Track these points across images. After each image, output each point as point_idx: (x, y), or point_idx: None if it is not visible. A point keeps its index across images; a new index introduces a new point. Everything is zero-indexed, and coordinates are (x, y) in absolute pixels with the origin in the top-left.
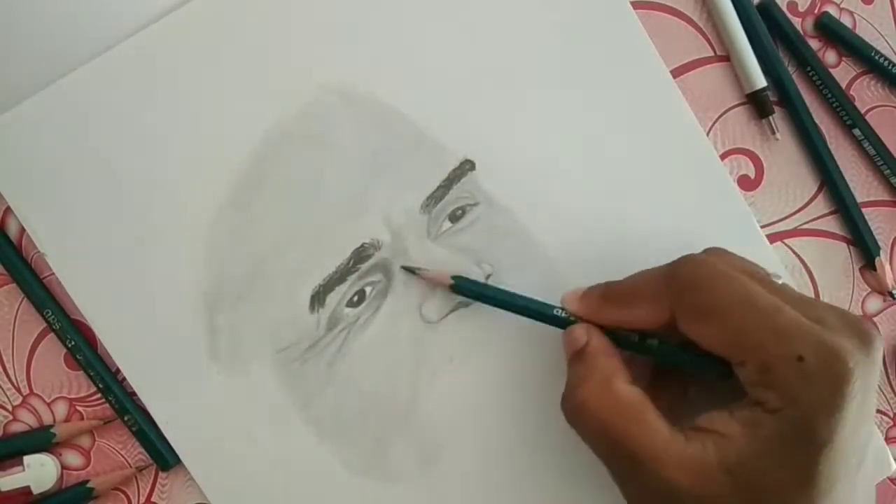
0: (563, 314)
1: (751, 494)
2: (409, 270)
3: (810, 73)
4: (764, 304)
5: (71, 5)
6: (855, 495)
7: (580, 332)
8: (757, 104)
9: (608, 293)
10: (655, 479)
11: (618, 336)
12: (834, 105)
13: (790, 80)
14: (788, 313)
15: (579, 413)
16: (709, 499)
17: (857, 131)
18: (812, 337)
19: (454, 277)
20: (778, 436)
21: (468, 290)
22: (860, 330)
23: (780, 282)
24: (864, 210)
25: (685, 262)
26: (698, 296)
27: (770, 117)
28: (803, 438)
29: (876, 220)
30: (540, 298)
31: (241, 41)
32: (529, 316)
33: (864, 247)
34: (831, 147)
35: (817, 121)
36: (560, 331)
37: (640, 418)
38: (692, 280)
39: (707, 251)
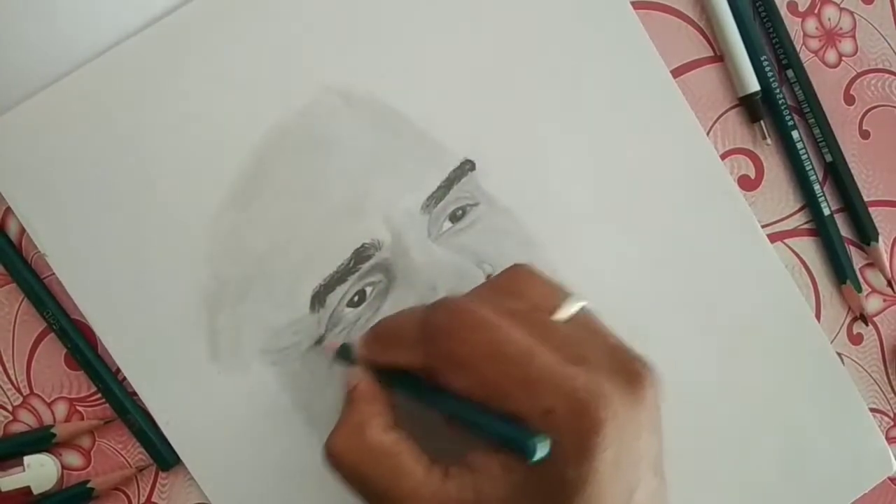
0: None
1: None
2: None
3: (793, 83)
4: (514, 354)
5: (71, 6)
6: None
7: (353, 374)
8: (748, 108)
9: (376, 333)
10: None
11: (397, 383)
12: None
13: (774, 89)
14: (540, 362)
15: (332, 457)
16: None
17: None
18: (562, 387)
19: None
20: (529, 481)
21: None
22: (628, 370)
23: (577, 307)
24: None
25: (440, 309)
26: (448, 346)
27: (761, 122)
28: (553, 488)
29: (876, 220)
30: None
31: (242, 41)
32: None
33: (864, 245)
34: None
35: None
36: None
37: (391, 463)
38: (442, 329)
39: (503, 271)
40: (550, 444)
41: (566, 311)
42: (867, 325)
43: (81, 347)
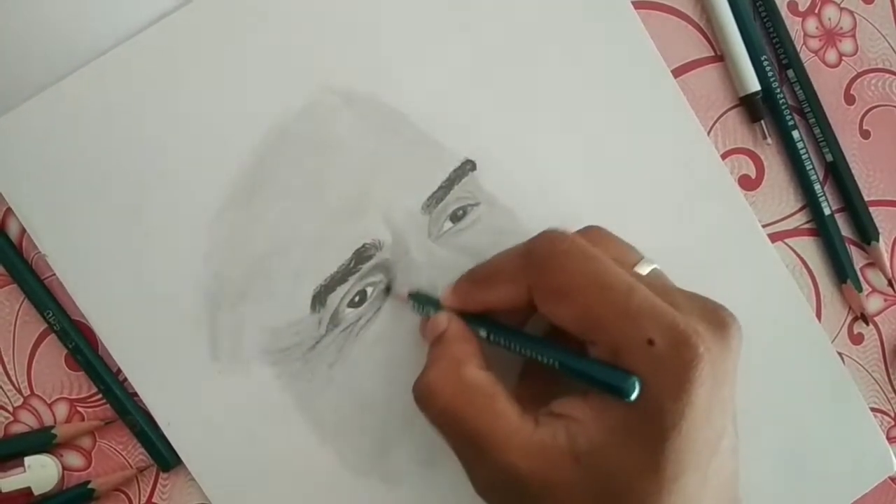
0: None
1: (596, 480)
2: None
3: (793, 83)
4: (617, 284)
5: (71, 6)
6: (705, 487)
7: (441, 318)
8: (749, 108)
9: (473, 276)
10: (499, 465)
11: (488, 329)
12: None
13: (775, 89)
14: (642, 295)
15: (426, 394)
16: (554, 484)
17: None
18: (663, 319)
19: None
20: (625, 421)
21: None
22: (717, 316)
23: (651, 268)
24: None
25: (543, 239)
26: (552, 274)
27: (761, 121)
28: (649, 423)
29: (876, 219)
30: None
31: (241, 41)
32: None
33: (865, 244)
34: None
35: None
36: None
37: (486, 403)
38: (547, 258)
39: (581, 230)
40: (649, 378)
41: (643, 269)
42: (868, 324)
43: (82, 348)
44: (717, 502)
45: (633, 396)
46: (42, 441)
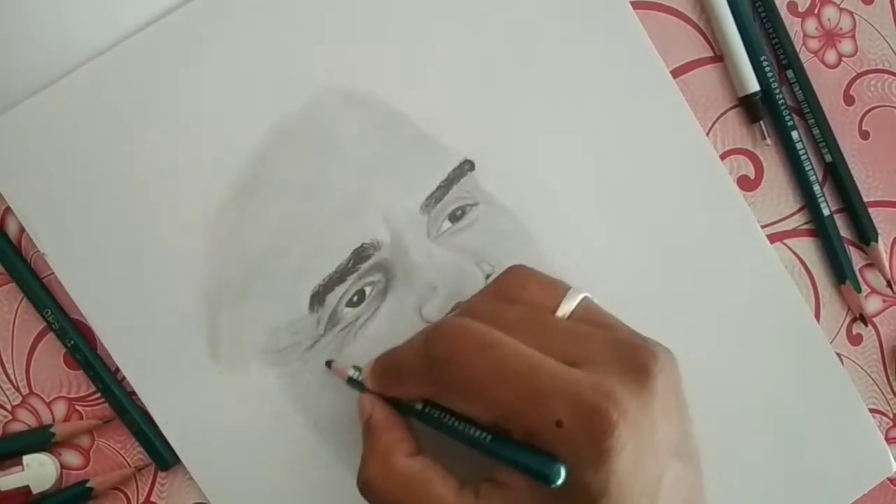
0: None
1: None
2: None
3: (793, 84)
4: (520, 369)
5: (71, 5)
6: None
7: (364, 402)
8: (748, 108)
9: (383, 367)
10: None
11: (401, 405)
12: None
13: (774, 90)
14: (546, 372)
15: (366, 490)
16: None
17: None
18: (569, 396)
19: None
20: (555, 495)
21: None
22: (635, 361)
23: (578, 299)
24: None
25: (439, 334)
26: (454, 371)
27: (761, 122)
28: (578, 496)
29: (875, 220)
30: None
31: (242, 41)
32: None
33: (864, 245)
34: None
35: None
36: None
37: (422, 490)
38: (446, 357)
39: (500, 275)
40: (567, 456)
41: (567, 307)
42: (866, 325)
43: (81, 347)
44: None
45: (560, 482)
46: (40, 440)
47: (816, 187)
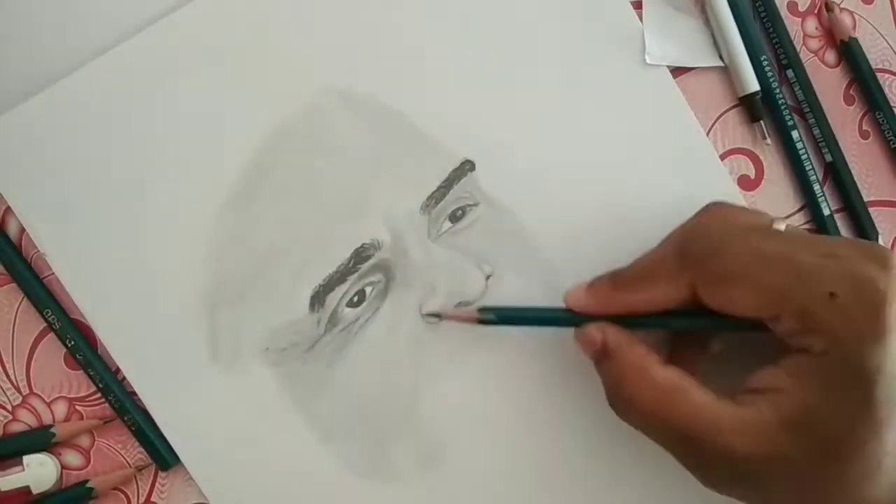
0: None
1: (812, 441)
2: (434, 316)
3: (793, 83)
4: (779, 253)
5: (71, 6)
6: None
7: (593, 331)
8: (748, 108)
9: (618, 280)
10: (716, 453)
11: (631, 320)
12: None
13: (774, 89)
14: (805, 256)
15: (630, 409)
16: (773, 457)
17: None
18: (837, 271)
19: (480, 310)
20: (830, 377)
21: (496, 319)
22: (877, 254)
23: (782, 226)
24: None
25: (692, 233)
26: (716, 265)
27: (761, 122)
28: (855, 373)
29: (876, 220)
30: (549, 304)
31: (241, 41)
32: (554, 325)
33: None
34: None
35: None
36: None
37: (684, 397)
38: (706, 251)
39: (704, 212)
40: (841, 329)
41: (782, 224)
42: None
43: (81, 347)
44: None
45: None
46: (41, 440)
47: (817, 187)
